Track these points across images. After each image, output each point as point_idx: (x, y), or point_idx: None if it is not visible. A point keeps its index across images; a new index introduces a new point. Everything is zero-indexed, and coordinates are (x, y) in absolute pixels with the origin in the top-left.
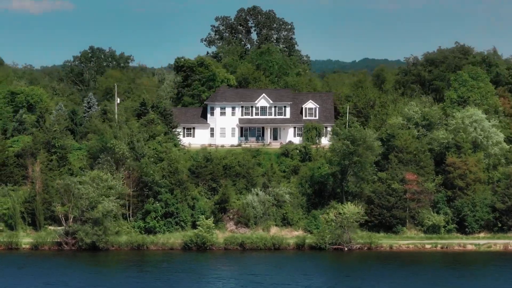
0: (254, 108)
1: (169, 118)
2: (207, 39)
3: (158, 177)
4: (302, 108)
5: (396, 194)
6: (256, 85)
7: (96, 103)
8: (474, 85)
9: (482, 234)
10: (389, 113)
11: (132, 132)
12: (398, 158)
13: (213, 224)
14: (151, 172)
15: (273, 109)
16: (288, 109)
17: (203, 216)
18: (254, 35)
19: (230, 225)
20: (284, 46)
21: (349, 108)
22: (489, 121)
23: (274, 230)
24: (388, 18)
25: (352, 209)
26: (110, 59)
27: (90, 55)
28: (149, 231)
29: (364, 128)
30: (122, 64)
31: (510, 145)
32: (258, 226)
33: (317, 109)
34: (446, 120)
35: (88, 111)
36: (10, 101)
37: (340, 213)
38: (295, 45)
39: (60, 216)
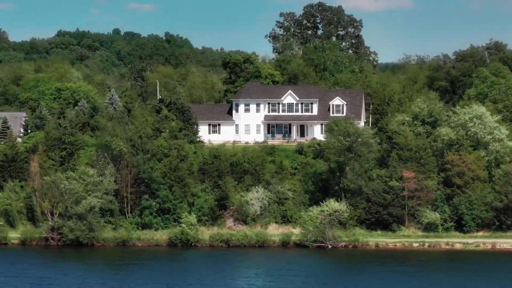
0: (280, 105)
1: (187, 115)
2: (271, 35)
3: (158, 174)
4: (329, 105)
5: (393, 192)
6: (305, 81)
7: (118, 99)
8: (495, 81)
9: (480, 233)
10: (402, 110)
11: (136, 128)
12: (398, 156)
13: (196, 221)
14: (148, 169)
15: (299, 105)
16: (315, 106)
17: (186, 213)
18: (320, 32)
19: (230, 222)
20: (350, 43)
21: (371, 106)
22: (492, 117)
23: (272, 227)
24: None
25: (335, 206)
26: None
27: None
28: (146, 227)
29: (376, 125)
30: (182, 62)
31: None
32: (257, 223)
33: (344, 106)
34: (450, 116)
35: (109, 107)
36: (57, 97)
37: (322, 211)
38: (363, 42)
39: (46, 211)
